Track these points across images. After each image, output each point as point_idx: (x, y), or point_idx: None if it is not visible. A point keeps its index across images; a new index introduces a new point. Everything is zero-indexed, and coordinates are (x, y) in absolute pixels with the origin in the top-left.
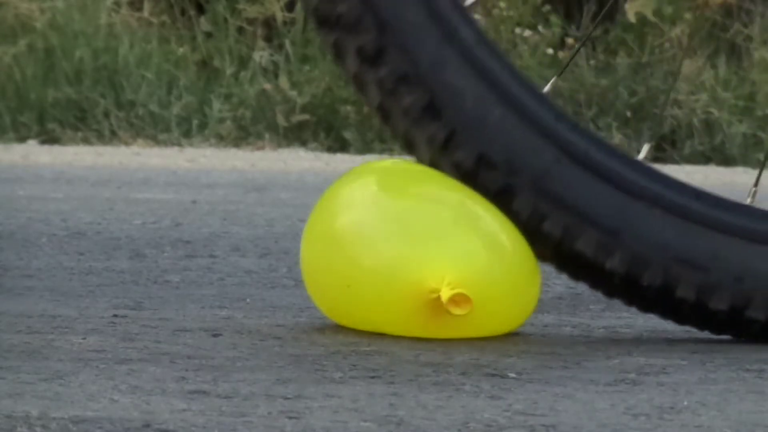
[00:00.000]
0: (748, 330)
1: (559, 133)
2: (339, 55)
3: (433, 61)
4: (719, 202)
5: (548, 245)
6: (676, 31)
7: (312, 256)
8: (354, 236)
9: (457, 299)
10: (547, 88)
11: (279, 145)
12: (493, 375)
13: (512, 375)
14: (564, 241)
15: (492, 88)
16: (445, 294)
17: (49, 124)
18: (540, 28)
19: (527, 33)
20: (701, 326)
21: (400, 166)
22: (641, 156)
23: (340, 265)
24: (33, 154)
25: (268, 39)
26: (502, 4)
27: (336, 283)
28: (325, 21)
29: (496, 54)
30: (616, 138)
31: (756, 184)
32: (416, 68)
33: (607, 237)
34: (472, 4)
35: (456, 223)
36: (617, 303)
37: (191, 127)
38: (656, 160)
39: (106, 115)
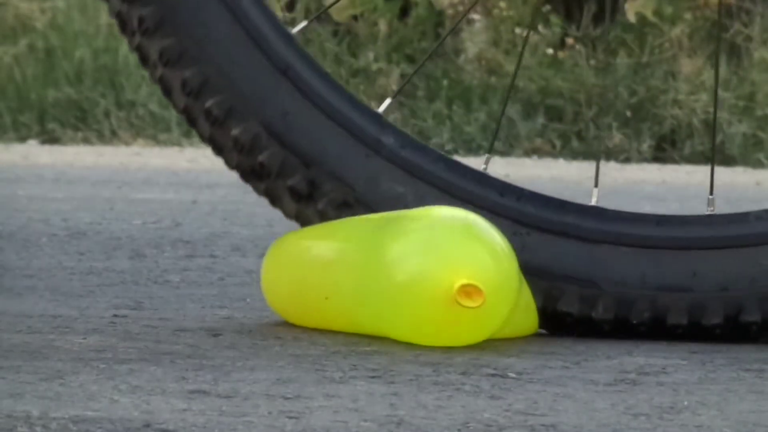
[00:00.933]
0: (748, 333)
1: (509, 206)
2: (275, 200)
3: (366, 177)
4: (680, 221)
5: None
6: (676, 31)
7: (288, 279)
8: (360, 253)
9: (469, 290)
10: (484, 165)
11: None
12: (493, 375)
13: (512, 375)
14: (547, 306)
15: (430, 185)
16: (457, 283)
17: (49, 124)
18: (540, 28)
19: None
20: (702, 341)
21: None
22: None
23: (328, 281)
24: (33, 154)
25: None
26: (502, 4)
27: (315, 297)
28: (250, 173)
29: (423, 150)
30: (616, 138)
31: (711, 192)
32: (353, 190)
33: (585, 290)
34: (386, 109)
35: (464, 231)
36: None
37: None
38: (656, 160)
39: (107, 115)
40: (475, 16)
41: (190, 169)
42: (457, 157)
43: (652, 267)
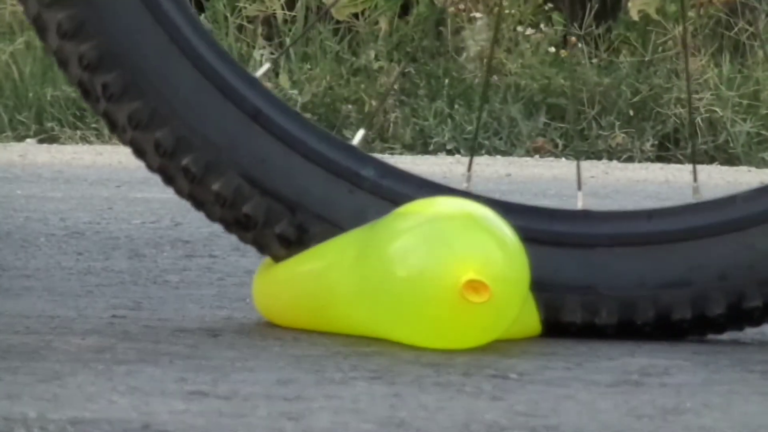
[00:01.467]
0: (751, 319)
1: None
2: (263, 248)
3: (352, 213)
4: (670, 213)
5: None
6: (680, 30)
7: (281, 295)
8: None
9: (476, 285)
10: (466, 184)
11: None
12: (495, 376)
13: (514, 376)
14: (549, 318)
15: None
16: (464, 278)
17: (47, 123)
18: (542, 26)
19: (529, 31)
20: (706, 333)
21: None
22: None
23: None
24: (31, 153)
25: (269, 37)
26: (504, 3)
27: (311, 307)
28: (235, 225)
29: (404, 177)
30: (619, 137)
31: (695, 180)
32: (340, 229)
33: (585, 297)
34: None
35: (470, 222)
36: None
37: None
38: (659, 159)
39: None
40: (477, 15)
41: None
42: (459, 157)
43: (650, 264)
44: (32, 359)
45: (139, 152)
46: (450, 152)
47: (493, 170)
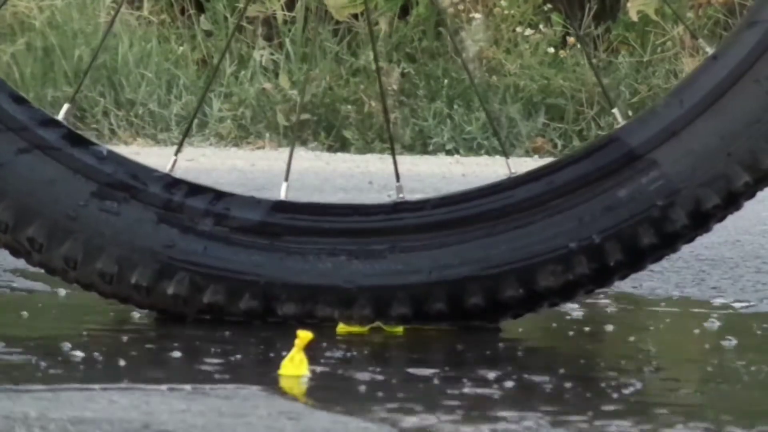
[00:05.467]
0: (716, 218)
1: None
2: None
3: None
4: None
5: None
6: (678, 30)
7: None
8: None
9: None
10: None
11: (279, 145)
12: (496, 377)
13: (512, 377)
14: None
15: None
16: None
17: None
18: (541, 26)
19: (528, 32)
20: (677, 248)
21: None
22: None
23: None
24: None
25: (269, 38)
26: (504, 3)
27: None
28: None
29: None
30: None
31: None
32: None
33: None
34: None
35: None
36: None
37: (191, 126)
38: None
39: (106, 114)
40: (476, 15)
41: (189, 168)
42: (458, 157)
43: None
44: (32, 359)
45: (86, 286)
46: (449, 152)
47: (492, 170)
